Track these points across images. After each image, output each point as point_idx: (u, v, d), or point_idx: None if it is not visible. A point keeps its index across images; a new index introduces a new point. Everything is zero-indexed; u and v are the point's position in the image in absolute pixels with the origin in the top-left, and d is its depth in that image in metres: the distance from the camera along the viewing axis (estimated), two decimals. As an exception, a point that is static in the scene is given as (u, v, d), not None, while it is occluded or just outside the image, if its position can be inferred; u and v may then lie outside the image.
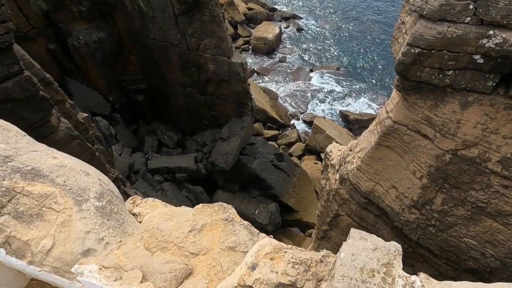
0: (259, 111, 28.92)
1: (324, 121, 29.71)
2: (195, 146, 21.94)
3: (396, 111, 5.43)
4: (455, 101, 4.50)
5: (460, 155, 4.62)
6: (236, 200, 20.06)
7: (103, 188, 1.65)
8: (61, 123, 10.48)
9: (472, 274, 5.18)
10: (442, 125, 4.72)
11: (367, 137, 6.64)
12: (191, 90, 20.44)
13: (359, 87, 33.72)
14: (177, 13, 16.80)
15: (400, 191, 5.69)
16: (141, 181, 20.01)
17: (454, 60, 4.12)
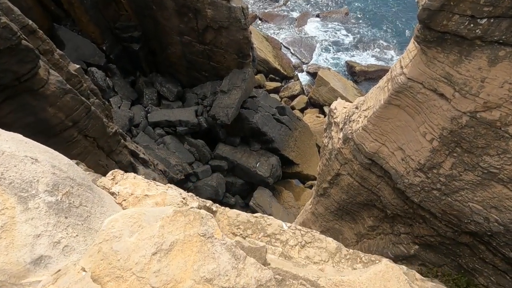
0: (261, 62, 27.53)
1: (328, 72, 28.41)
2: (195, 99, 21.31)
3: (412, 66, 4.87)
4: (483, 56, 3.94)
5: (479, 117, 4.22)
6: (238, 153, 20.18)
7: (57, 178, 1.33)
8: (51, 75, 9.89)
9: (471, 236, 5.18)
10: (463, 84, 4.23)
11: (375, 94, 6.15)
12: (189, 38, 19.09)
13: (369, 35, 31.44)
14: None
15: (406, 153, 5.42)
16: (142, 135, 19.93)
17: (491, 6, 3.47)
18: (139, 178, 2.22)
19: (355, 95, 26.90)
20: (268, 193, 19.93)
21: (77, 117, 10.71)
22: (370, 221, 7.32)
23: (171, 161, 17.92)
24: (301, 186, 22.81)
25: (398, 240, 6.57)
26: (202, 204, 2.41)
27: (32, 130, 9.93)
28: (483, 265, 5.24)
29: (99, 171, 12.48)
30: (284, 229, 2.66)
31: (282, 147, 20.64)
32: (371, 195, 6.74)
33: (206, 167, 19.31)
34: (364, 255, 2.80)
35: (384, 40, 30.03)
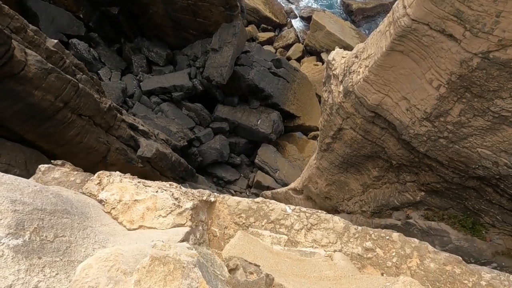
0: (251, 11, 25.57)
1: (323, 15, 26.50)
2: (186, 61, 20.34)
3: (417, 5, 4.33)
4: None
5: (492, 58, 3.84)
6: (237, 113, 19.87)
7: (20, 214, 1.16)
8: (29, 56, 9.25)
9: (478, 180, 5.15)
10: (475, 21, 3.76)
11: (376, 40, 5.63)
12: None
13: (367, -34, 28.59)
14: None
15: (412, 103, 5.13)
16: (138, 105, 19.52)
17: None
18: (126, 181, 2.05)
19: (354, 36, 25.34)
20: (272, 149, 20.07)
21: (66, 97, 10.32)
22: (375, 171, 7.33)
23: (171, 128, 17.77)
24: (304, 137, 22.83)
25: (404, 188, 6.62)
26: (198, 199, 2.29)
27: (23, 116, 9.67)
28: (490, 206, 5.30)
29: (102, 148, 12.45)
30: (288, 213, 2.58)
31: (281, 101, 20.19)
32: (375, 147, 6.62)
33: (207, 131, 19.21)
34: (373, 232, 2.74)
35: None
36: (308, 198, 10.72)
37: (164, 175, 14.72)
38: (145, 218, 1.92)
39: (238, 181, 19.47)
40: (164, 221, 1.93)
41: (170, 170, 14.92)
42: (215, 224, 2.43)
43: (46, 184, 2.18)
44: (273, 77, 19.96)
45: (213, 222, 2.43)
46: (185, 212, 2.01)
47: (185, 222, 2.00)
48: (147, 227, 1.92)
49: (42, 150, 10.83)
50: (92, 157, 11.77)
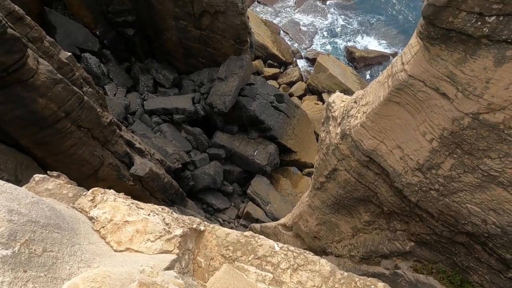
0: (260, 47, 26.87)
1: (327, 58, 27.85)
2: (192, 86, 20.92)
3: (414, 63, 4.65)
4: (489, 55, 3.73)
5: (482, 119, 4.06)
6: (235, 141, 20.05)
7: (15, 225, 1.18)
8: (41, 65, 9.54)
9: (468, 236, 5.15)
10: (467, 84, 4.04)
11: (375, 89, 5.94)
12: (185, 23, 18.49)
13: (370, 20, 30.60)
14: None
15: (405, 152, 5.29)
16: (138, 123, 19.68)
17: (501, 3, 3.24)
18: (119, 200, 2.06)
19: (355, 81, 26.46)
20: (266, 181, 19.97)
21: (69, 108, 10.46)
22: (367, 216, 7.30)
23: (168, 149, 17.79)
24: (299, 173, 22.85)
25: (394, 237, 6.57)
26: (187, 227, 2.29)
27: (23, 122, 9.71)
28: (478, 264, 5.25)
29: (95, 161, 12.34)
30: (276, 250, 2.56)
31: (280, 135, 20.50)
32: (368, 191, 6.68)
33: (203, 155, 19.23)
34: (359, 279, 2.71)
35: (385, 26, 29.26)
36: (297, 236, 10.51)
37: (153, 196, 14.46)
38: (133, 241, 1.90)
39: (228, 210, 19.11)
40: (152, 245, 1.90)
41: (161, 192, 14.68)
42: (202, 254, 2.39)
43: (38, 194, 2.17)
44: (274, 111, 20.48)
45: (199, 251, 2.38)
46: (174, 239, 1.99)
47: (172, 249, 1.97)
48: (134, 250, 1.89)
49: (34, 158, 10.72)
50: (84, 170, 11.63)
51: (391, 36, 28.83)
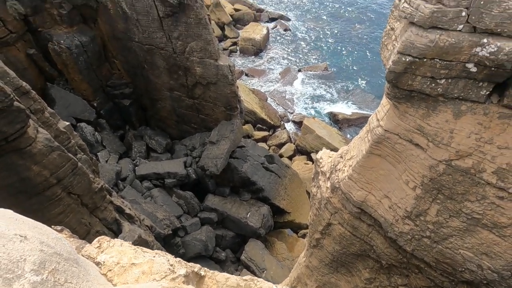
0: (249, 112, 28.68)
1: (313, 121, 29.70)
2: (184, 150, 21.50)
3: (387, 119, 5.26)
4: (448, 110, 4.35)
5: (454, 165, 4.48)
6: (227, 204, 19.78)
7: (45, 255, 1.33)
8: (39, 134, 9.95)
9: (468, 285, 5.07)
10: (435, 135, 4.57)
11: (357, 144, 6.46)
12: (179, 93, 20.01)
13: (348, 87, 33.83)
14: (162, 16, 16.36)
15: (393, 201, 5.53)
16: (129, 188, 19.48)
17: (446, 69, 3.96)
18: (126, 245, 2.16)
19: (340, 141, 27.81)
20: (260, 245, 19.11)
21: (62, 174, 10.52)
22: (366, 273, 7.07)
23: (158, 215, 17.29)
24: (294, 236, 22.08)
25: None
26: (190, 269, 2.33)
27: (13, 190, 9.62)
28: (485, 317, 5.03)
29: (81, 230, 11.85)
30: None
31: (272, 195, 20.46)
32: (364, 244, 6.63)
33: (195, 220, 18.66)
34: None
35: (362, 92, 32.30)
36: (296, 302, 9.76)
37: (141, 265, 13.49)
38: (139, 282, 1.92)
39: (221, 280, 17.70)
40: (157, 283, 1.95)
41: (149, 261, 13.75)
42: (203, 299, 2.36)
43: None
44: (266, 171, 20.85)
45: (200, 297, 2.36)
46: (178, 278, 2.01)
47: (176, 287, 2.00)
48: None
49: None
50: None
51: (368, 100, 31.58)
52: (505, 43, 3.51)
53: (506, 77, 3.76)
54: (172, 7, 15.53)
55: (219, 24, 36.67)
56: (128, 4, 16.44)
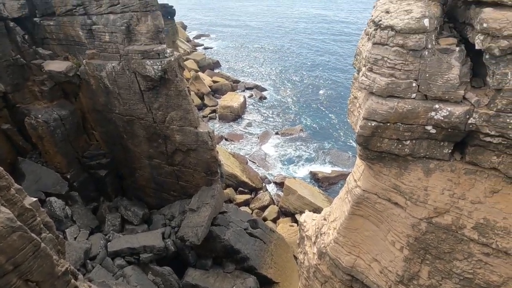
0: (230, 176, 28.54)
1: (294, 181, 29.88)
2: (162, 220, 20.31)
3: (364, 179, 5.38)
4: (418, 168, 4.55)
5: (435, 223, 4.49)
6: (210, 278, 18.03)
7: None
8: (1, 213, 9.13)
9: None
10: (411, 193, 4.67)
11: (339, 205, 6.43)
12: (158, 161, 19.86)
13: (324, 147, 35.37)
14: (143, 89, 17.19)
15: (383, 264, 5.28)
16: (98, 268, 17.49)
17: (409, 131, 4.29)
18: None
19: (323, 200, 27.70)
20: (249, 326, 16.96)
21: (21, 258, 9.33)
22: None
23: (131, 298, 15.29)
24: (285, 309, 19.97)
25: None
26: None
27: (-41, 282, 8.30)
28: None
29: (36, 326, 10.09)
30: None
31: (258, 264, 19.04)
32: (360, 317, 6.05)
33: (173, 301, 16.60)
34: None
35: (339, 151, 33.77)
36: None
37: None
38: None
39: None
40: None
41: None
42: None
43: None
44: (250, 237, 19.80)
45: None
46: None
47: None
48: None
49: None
50: None
51: (345, 159, 32.82)
52: (454, 108, 3.92)
53: (462, 137, 4.09)
54: (153, 81, 16.48)
55: (198, 94, 38.99)
56: (111, 80, 17.30)
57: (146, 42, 16.04)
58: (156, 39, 16.16)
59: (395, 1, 4.36)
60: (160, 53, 15.56)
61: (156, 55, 15.60)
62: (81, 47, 18.02)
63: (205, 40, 73.00)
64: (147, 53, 15.62)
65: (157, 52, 15.54)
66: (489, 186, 4.09)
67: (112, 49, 16.69)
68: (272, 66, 55.51)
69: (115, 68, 16.84)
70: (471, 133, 3.99)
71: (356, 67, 5.09)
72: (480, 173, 4.13)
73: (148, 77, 16.07)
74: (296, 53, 61.51)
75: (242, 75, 51.09)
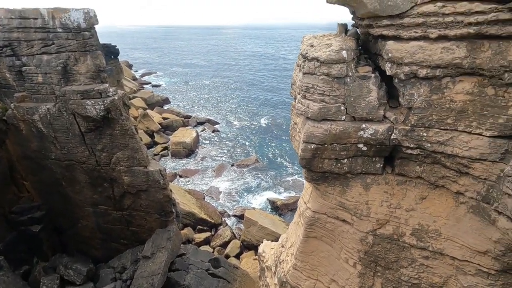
0: (187, 215, 27.13)
1: (254, 212, 29.55)
2: (111, 274, 18.11)
3: (313, 200, 5.56)
4: (358, 184, 4.87)
5: (380, 234, 4.75)
6: (172, 332, 16.20)
7: None
8: None
9: None
10: (355, 208, 4.93)
11: (294, 230, 6.48)
12: (104, 207, 18.12)
13: (280, 174, 36.13)
14: (84, 131, 16.05)
15: (340, 284, 5.33)
16: None
17: (345, 150, 4.64)
18: None
19: (284, 228, 27.65)
20: None
21: None
22: None
23: None
24: None
25: None
26: None
27: None
28: None
29: None
30: None
31: (224, 307, 17.76)
32: None
33: None
34: None
35: (293, 175, 34.74)
36: None
37: None
38: None
39: None
40: None
41: None
42: None
43: None
44: (213, 278, 18.57)
45: None
46: None
47: None
48: None
49: None
50: None
51: (300, 184, 33.80)
52: (378, 126, 4.39)
53: (389, 151, 4.55)
54: (96, 122, 15.54)
55: (148, 132, 37.61)
56: (45, 123, 15.87)
57: (86, 82, 15.34)
58: (98, 79, 15.57)
59: (318, 36, 4.92)
60: (102, 92, 14.94)
61: (98, 95, 14.93)
62: (9, 90, 16.46)
63: (152, 78, 72.52)
64: (88, 93, 14.87)
65: (98, 92, 14.89)
66: (418, 193, 4.53)
67: (46, 91, 15.57)
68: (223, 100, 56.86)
69: (50, 110, 15.60)
70: (396, 147, 4.47)
71: (293, 95, 5.48)
72: (409, 183, 4.57)
73: (90, 117, 15.16)
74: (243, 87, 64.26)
75: (193, 110, 51.17)
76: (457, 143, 3.89)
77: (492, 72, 3.52)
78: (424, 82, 3.94)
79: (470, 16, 3.43)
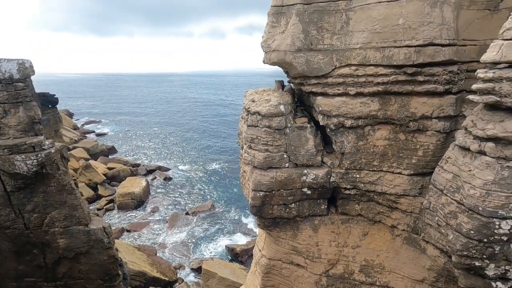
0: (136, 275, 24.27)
1: (213, 262, 27.80)
2: None
3: (267, 247, 5.58)
4: (307, 226, 5.09)
5: (332, 274, 4.90)
6: None
7: None
8: None
9: None
10: (307, 251, 5.07)
11: (252, 280, 6.30)
12: (33, 279, 15.42)
13: (238, 218, 35.28)
14: (10, 190, 14.14)
15: (301, 333, 5.21)
16: None
17: (291, 195, 4.90)
18: None
19: (245, 276, 26.31)
20: None
21: None
22: None
23: None
24: None
25: None
26: None
27: None
28: None
29: None
30: None
31: None
32: None
33: None
34: None
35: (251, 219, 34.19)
36: None
37: None
38: None
39: None
40: None
41: None
42: None
43: None
44: None
45: None
46: None
47: None
48: None
49: None
50: None
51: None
52: (318, 171, 4.80)
53: (330, 193, 4.94)
54: (25, 179, 13.86)
55: (90, 185, 34.35)
56: (-40, 185, 13.63)
57: (16, 135, 13.94)
58: (31, 131, 14.29)
59: (258, 91, 5.42)
60: (36, 146, 13.66)
61: (31, 148, 13.58)
62: None
63: (96, 126, 68.60)
64: (18, 147, 13.45)
65: (31, 145, 13.58)
66: (361, 230, 4.90)
67: (-35, 148, 13.68)
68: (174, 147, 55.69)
69: (-32, 171, 13.61)
70: (336, 189, 4.88)
71: (240, 144, 5.75)
72: (352, 221, 4.94)
73: (18, 174, 13.55)
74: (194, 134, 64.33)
75: (142, 158, 48.90)
76: (384, 182, 4.44)
77: (401, 121, 4.25)
78: (351, 130, 4.55)
79: (377, 77, 4.21)
